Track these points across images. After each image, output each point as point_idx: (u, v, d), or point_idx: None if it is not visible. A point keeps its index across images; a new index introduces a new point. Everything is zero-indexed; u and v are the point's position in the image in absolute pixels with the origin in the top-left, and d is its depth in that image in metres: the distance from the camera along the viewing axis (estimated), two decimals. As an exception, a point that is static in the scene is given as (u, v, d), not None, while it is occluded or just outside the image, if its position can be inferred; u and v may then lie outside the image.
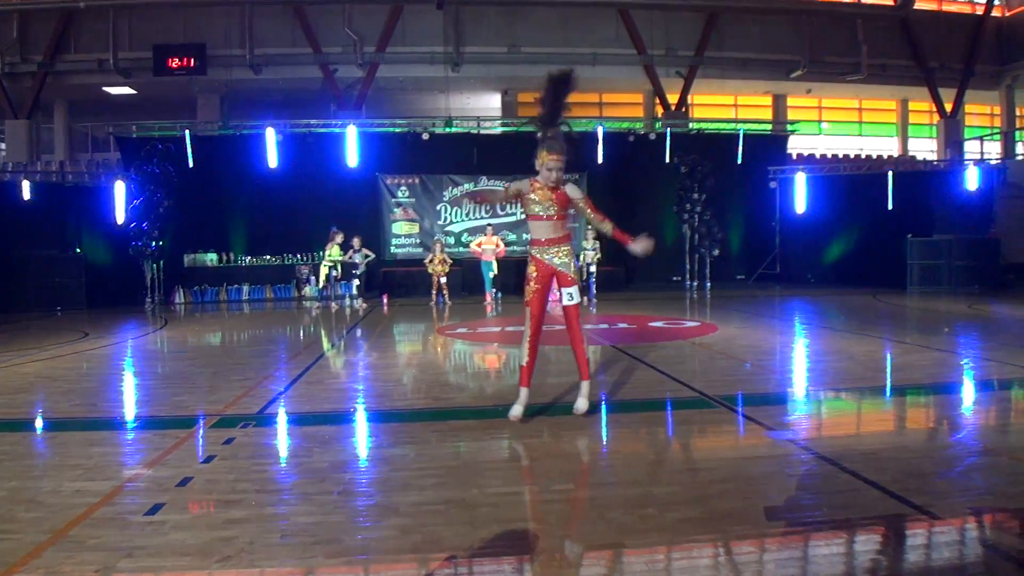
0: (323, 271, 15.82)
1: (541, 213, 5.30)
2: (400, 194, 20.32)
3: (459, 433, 5.26)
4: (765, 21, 24.49)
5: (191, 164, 18.71)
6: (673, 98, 24.28)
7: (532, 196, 5.30)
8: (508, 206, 20.51)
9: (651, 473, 4.38)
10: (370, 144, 19.76)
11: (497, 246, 16.47)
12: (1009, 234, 19.59)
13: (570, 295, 5.36)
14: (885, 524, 3.48)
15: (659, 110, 24.59)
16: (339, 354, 9.64)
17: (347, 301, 16.56)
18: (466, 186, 20.40)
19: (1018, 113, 27.83)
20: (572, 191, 5.35)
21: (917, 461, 4.36)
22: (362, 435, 5.41)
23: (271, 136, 18.96)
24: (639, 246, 5.31)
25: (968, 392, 6.58)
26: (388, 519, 3.57)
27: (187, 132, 19.12)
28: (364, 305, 15.80)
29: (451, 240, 19.81)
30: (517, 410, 5.36)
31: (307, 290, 18.65)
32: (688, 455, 4.87)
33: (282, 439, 5.22)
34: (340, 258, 15.72)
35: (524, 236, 20.46)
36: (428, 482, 4.10)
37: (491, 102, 26.50)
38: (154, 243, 17.38)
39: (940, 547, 3.27)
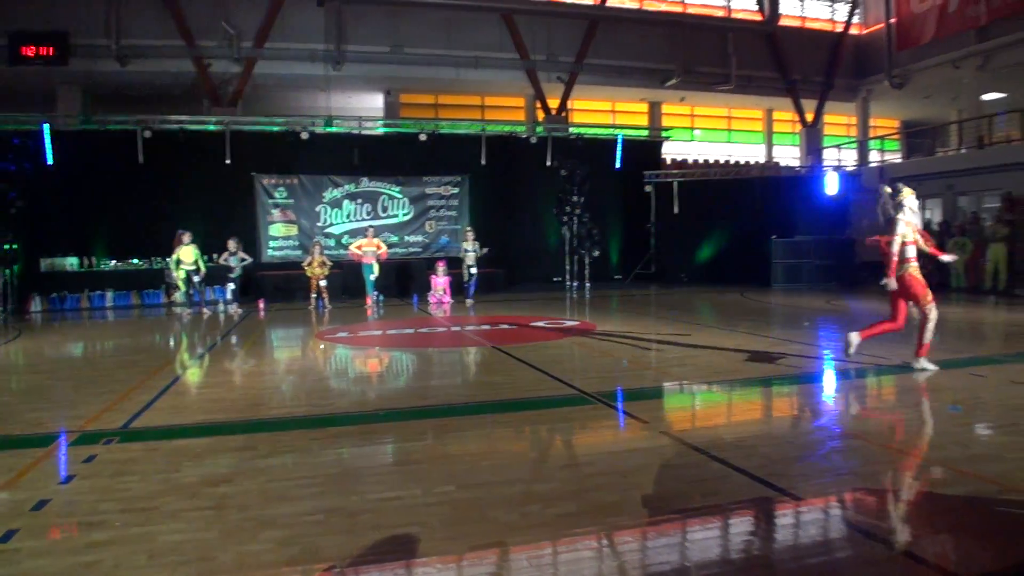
0: (179, 275, 15.14)
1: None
2: (278, 195, 19.68)
3: (340, 440, 5.16)
4: (642, 31, 25.34)
5: (50, 161, 17.46)
6: (554, 103, 24.72)
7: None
8: (393, 207, 20.34)
9: (532, 471, 4.45)
10: (246, 143, 19.05)
11: (379, 248, 16.20)
12: (863, 235, 21.04)
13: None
14: (753, 507, 3.69)
15: (540, 114, 24.98)
16: (211, 362, 9.23)
17: (221, 307, 15.88)
18: (347, 187, 20.02)
19: (872, 123, 30.17)
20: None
21: (781, 447, 4.66)
22: (236, 446, 5.20)
23: (139, 132, 17.96)
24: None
25: (827, 381, 7.06)
26: (264, 532, 3.46)
27: (45, 126, 17.76)
28: (239, 310, 15.21)
29: (331, 242, 19.33)
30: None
31: (177, 296, 17.68)
32: (568, 451, 4.98)
33: (149, 454, 4.92)
34: (197, 260, 15.08)
35: (406, 238, 20.31)
36: (307, 491, 4.01)
37: (373, 102, 26.10)
38: (6, 246, 16.09)
39: (805, 525, 3.51)
